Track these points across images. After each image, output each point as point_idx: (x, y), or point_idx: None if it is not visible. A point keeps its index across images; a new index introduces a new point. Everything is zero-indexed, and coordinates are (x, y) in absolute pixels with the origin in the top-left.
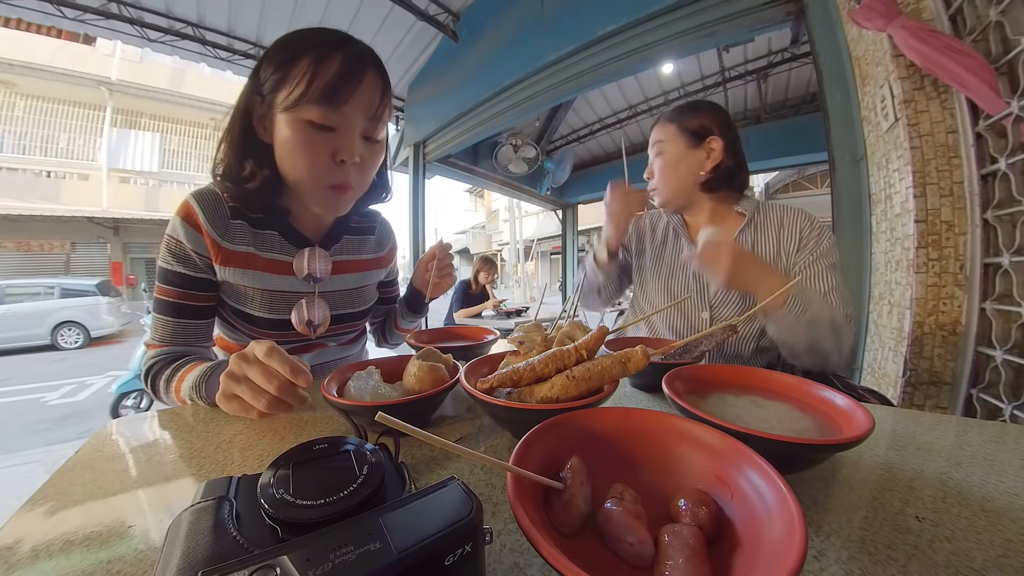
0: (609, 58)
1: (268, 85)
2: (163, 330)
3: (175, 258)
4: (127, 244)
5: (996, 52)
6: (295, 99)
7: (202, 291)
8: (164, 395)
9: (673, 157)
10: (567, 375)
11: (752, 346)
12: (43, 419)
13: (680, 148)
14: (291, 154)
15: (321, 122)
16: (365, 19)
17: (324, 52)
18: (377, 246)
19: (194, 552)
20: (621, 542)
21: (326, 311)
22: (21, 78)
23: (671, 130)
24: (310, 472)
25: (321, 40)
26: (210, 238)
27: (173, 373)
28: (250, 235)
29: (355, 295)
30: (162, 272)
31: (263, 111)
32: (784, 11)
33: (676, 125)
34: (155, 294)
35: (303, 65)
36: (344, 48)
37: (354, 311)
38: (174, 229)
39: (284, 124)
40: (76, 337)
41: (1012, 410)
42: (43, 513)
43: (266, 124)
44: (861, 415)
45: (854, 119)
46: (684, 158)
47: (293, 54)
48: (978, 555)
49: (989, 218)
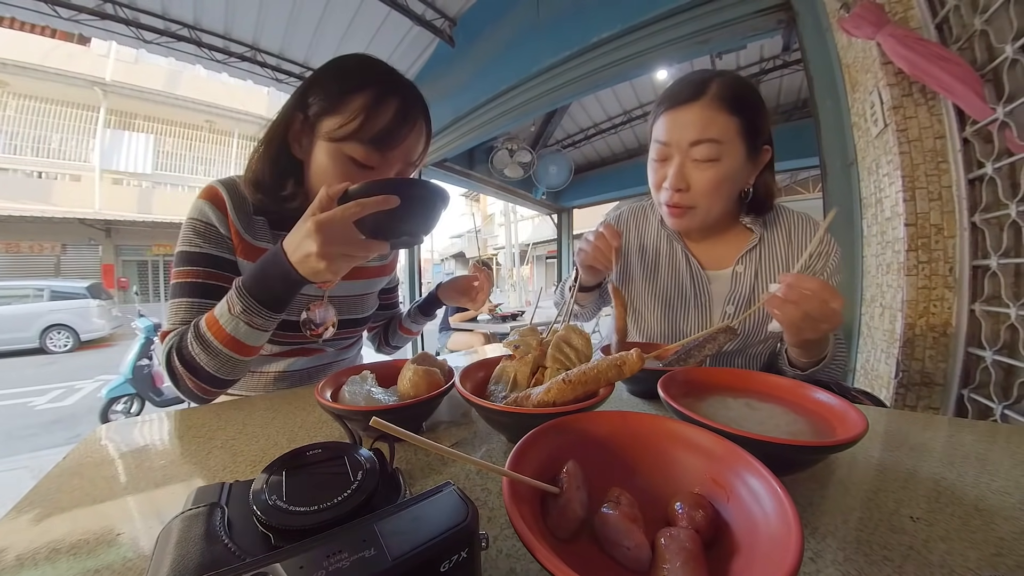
0: (604, 64)
1: (316, 108)
2: (183, 313)
3: (203, 238)
4: (119, 246)
5: (982, 60)
6: (344, 135)
7: (229, 272)
8: (195, 347)
9: (733, 169)
10: (563, 379)
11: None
12: (30, 424)
13: (742, 157)
14: (325, 182)
15: (363, 161)
16: (362, 23)
17: (381, 95)
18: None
19: (185, 560)
20: (618, 546)
21: (334, 316)
22: (13, 77)
23: (731, 126)
24: (303, 478)
25: (379, 79)
26: (235, 227)
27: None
28: (270, 234)
29: (360, 301)
30: (185, 256)
31: (301, 128)
32: (776, 19)
33: (740, 120)
34: (174, 279)
35: (358, 103)
36: (400, 93)
37: (357, 317)
38: (201, 212)
39: (324, 152)
40: (66, 340)
41: (1003, 410)
42: (29, 520)
43: (302, 141)
44: (855, 416)
45: (844, 125)
46: (741, 172)
47: (349, 87)
48: (972, 554)
49: (977, 221)
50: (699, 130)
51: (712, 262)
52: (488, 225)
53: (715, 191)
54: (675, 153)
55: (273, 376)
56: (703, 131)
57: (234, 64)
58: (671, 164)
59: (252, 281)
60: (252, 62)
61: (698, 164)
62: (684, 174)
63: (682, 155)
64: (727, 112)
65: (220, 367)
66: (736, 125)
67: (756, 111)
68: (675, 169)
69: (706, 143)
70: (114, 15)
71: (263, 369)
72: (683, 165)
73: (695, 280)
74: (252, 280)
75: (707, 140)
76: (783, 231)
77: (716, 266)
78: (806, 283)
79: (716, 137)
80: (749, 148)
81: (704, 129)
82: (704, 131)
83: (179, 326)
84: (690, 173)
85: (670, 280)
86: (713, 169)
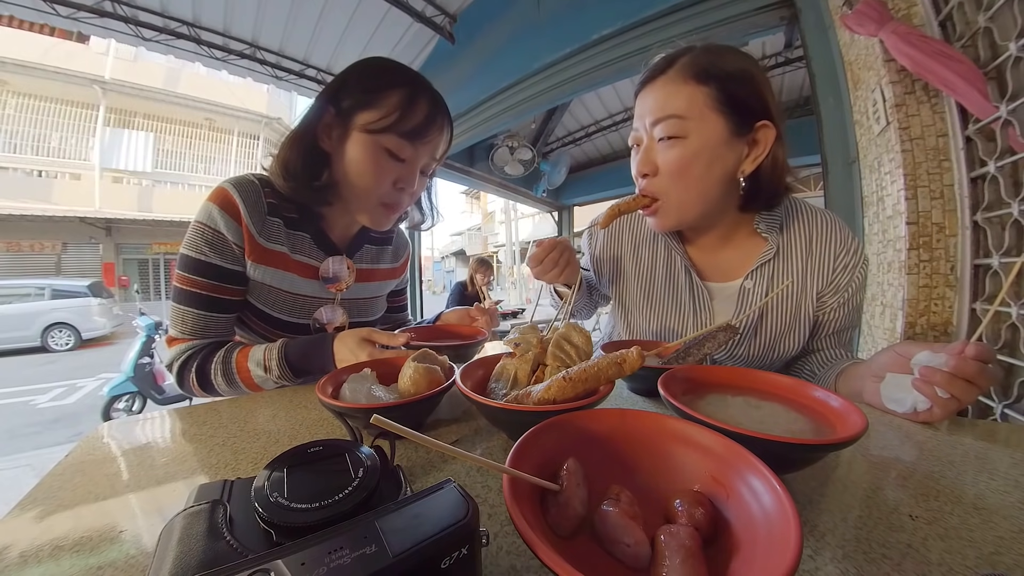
0: (605, 61)
1: (351, 103)
2: (192, 323)
3: (211, 248)
4: (119, 245)
5: (985, 57)
6: (382, 127)
7: (235, 285)
8: (218, 378)
9: (704, 146)
10: (563, 376)
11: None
12: (33, 422)
13: (719, 131)
14: (361, 170)
15: (397, 153)
16: (361, 20)
17: (416, 93)
18: (394, 256)
19: (187, 557)
20: (618, 543)
21: (343, 317)
22: (12, 76)
23: (698, 97)
24: (305, 475)
25: (413, 79)
26: (248, 232)
27: (228, 355)
28: (284, 235)
29: (370, 304)
30: (191, 262)
31: (332, 122)
32: (778, 16)
33: (711, 90)
34: (179, 284)
35: (395, 98)
36: (431, 94)
37: (366, 320)
38: (210, 217)
39: (359, 143)
40: (67, 339)
41: (1002, 409)
42: (32, 518)
43: (332, 134)
44: (855, 415)
45: (846, 123)
46: (719, 151)
47: (385, 84)
48: (971, 553)
49: (979, 220)
50: (660, 106)
51: (716, 274)
52: (488, 223)
53: (682, 172)
54: (643, 137)
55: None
56: (664, 107)
57: (234, 61)
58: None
59: (295, 357)
60: (252, 59)
61: (663, 144)
62: (650, 157)
63: (648, 137)
64: (693, 83)
65: (233, 393)
66: (705, 96)
67: (736, 79)
68: (641, 152)
69: (668, 119)
70: (113, 12)
71: None
72: (649, 148)
73: (695, 294)
74: (296, 356)
75: (668, 116)
76: (803, 237)
77: (721, 278)
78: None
79: (677, 112)
80: (731, 123)
81: (665, 104)
82: (665, 106)
83: (188, 336)
84: (656, 155)
85: (666, 291)
86: (679, 147)
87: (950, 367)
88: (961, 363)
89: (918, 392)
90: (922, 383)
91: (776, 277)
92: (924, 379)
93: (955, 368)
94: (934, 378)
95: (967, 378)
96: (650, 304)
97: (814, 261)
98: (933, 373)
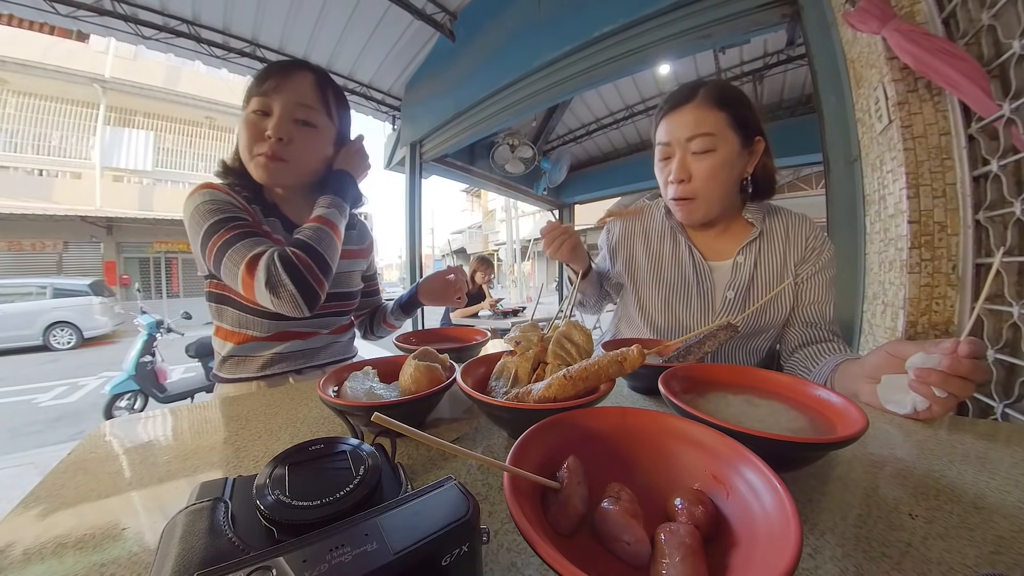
0: (606, 59)
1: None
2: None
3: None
4: (121, 243)
5: (988, 55)
6: (246, 98)
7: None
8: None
9: (728, 157)
10: (564, 375)
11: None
12: (35, 421)
13: (735, 147)
14: (239, 136)
15: (258, 109)
16: (361, 18)
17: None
18: (359, 239)
19: (189, 554)
20: (618, 541)
21: None
22: (12, 75)
23: (721, 120)
24: (306, 473)
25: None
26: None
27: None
28: (263, 221)
29: (343, 278)
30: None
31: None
32: (780, 13)
33: (728, 115)
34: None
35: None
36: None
37: (342, 291)
38: (211, 195)
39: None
40: (69, 338)
41: (1003, 408)
42: (35, 516)
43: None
44: (855, 413)
45: (848, 121)
46: (736, 160)
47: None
48: (971, 552)
49: (981, 219)
50: (694, 126)
51: (714, 254)
52: (489, 221)
53: (713, 178)
54: (676, 150)
55: (270, 357)
56: (698, 126)
57: (234, 60)
58: (673, 160)
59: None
60: (252, 57)
61: (697, 156)
62: (685, 166)
63: (682, 150)
64: (716, 108)
65: (321, 240)
66: (725, 118)
67: (742, 106)
68: (677, 163)
69: (701, 136)
70: (112, 11)
71: (259, 353)
72: (684, 159)
73: (697, 269)
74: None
75: (702, 134)
76: (781, 227)
77: (718, 257)
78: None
79: (709, 130)
80: (741, 138)
81: (698, 124)
82: (698, 126)
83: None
84: (690, 165)
85: (673, 268)
86: (710, 158)
87: (944, 366)
88: (955, 362)
89: (915, 393)
90: (918, 384)
91: (762, 254)
92: (920, 380)
93: (949, 367)
94: (930, 378)
95: (962, 375)
96: (659, 277)
97: (790, 243)
98: (929, 374)
